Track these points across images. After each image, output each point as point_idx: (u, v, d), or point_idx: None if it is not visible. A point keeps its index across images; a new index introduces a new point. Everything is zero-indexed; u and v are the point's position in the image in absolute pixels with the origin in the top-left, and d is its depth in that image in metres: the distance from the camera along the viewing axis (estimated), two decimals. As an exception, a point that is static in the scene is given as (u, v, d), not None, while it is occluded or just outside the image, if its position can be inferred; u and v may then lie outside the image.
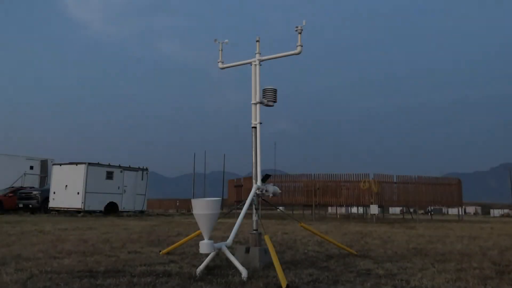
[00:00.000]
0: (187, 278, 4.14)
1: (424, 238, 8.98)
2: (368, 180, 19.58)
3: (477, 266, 5.04)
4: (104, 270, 4.54)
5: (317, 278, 4.21)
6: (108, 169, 20.24)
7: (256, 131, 5.34)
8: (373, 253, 6.23)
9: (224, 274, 4.34)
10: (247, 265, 4.69)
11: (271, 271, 4.50)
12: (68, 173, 19.55)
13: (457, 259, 5.67)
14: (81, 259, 5.24)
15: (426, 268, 4.93)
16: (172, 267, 4.74)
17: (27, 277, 4.09)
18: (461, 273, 4.59)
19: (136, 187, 21.51)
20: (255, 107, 5.38)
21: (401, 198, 20.47)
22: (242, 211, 4.90)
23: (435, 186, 21.11)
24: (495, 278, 4.36)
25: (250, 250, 4.97)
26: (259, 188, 5.23)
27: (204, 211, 4.28)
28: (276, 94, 5.44)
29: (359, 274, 4.48)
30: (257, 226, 5.24)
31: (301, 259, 5.60)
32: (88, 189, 19.06)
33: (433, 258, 5.79)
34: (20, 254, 5.61)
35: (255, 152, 5.32)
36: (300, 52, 5.27)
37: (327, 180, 20.48)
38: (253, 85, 5.44)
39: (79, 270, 4.48)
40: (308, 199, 20.48)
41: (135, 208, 21.41)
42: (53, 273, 4.31)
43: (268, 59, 5.50)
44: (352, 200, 20.32)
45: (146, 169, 22.27)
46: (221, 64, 5.81)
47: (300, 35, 5.25)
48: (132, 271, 4.47)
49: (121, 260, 5.25)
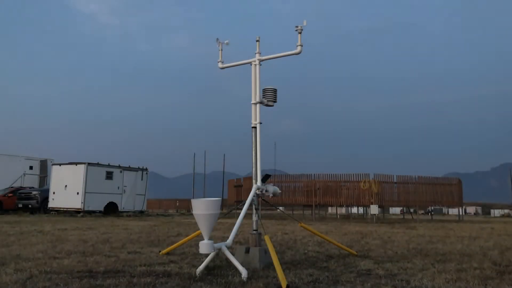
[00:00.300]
0: (187, 278, 4.14)
1: (425, 238, 8.98)
2: (368, 180, 19.58)
3: (477, 267, 5.03)
4: (104, 270, 4.53)
5: (317, 279, 4.20)
6: (107, 169, 20.24)
7: (256, 131, 5.33)
8: (373, 253, 6.22)
9: (224, 275, 4.33)
10: (247, 265, 4.68)
11: (271, 271, 4.50)
12: (67, 173, 19.54)
13: (457, 259, 5.66)
14: (80, 260, 5.23)
15: (426, 268, 4.92)
16: (172, 268, 4.73)
17: (27, 277, 4.08)
18: (462, 273, 4.58)
19: (136, 187, 21.51)
20: (255, 107, 5.37)
21: (401, 198, 20.47)
22: (242, 211, 4.89)
23: (436, 186, 21.09)
24: (495, 278, 4.35)
25: (250, 250, 4.96)
26: (259, 188, 5.22)
27: (204, 211, 4.27)
28: (276, 94, 5.43)
29: (359, 275, 4.47)
30: (257, 226, 5.23)
31: (301, 259, 5.59)
32: (87, 189, 19.05)
33: (434, 258, 5.78)
34: (20, 254, 5.59)
35: (255, 152, 5.31)
36: (300, 52, 5.26)
37: (327, 180, 20.47)
38: (253, 85, 5.43)
39: (79, 271, 4.48)
40: (308, 199, 20.47)
41: (135, 208, 21.40)
42: (52, 273, 4.31)
43: (268, 59, 5.48)
44: (352, 200, 20.31)
45: (146, 169, 22.28)
46: (221, 64, 5.80)
47: (300, 35, 5.24)
48: (132, 272, 4.46)
49: (121, 260, 5.24)
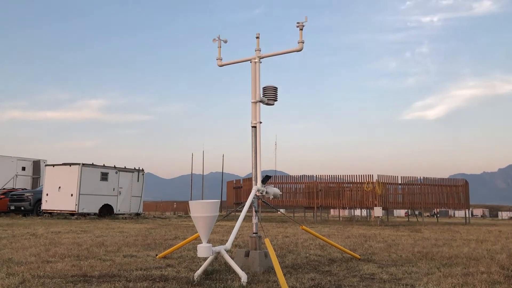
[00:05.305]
0: (185, 283, 4.07)
1: (430, 242, 8.87)
2: (371, 182, 19.44)
3: (484, 271, 4.95)
4: (99, 274, 4.46)
5: (319, 283, 4.14)
6: (102, 170, 20.06)
7: (256, 131, 5.25)
8: (377, 257, 6.14)
9: (223, 279, 4.26)
10: (247, 269, 4.65)
11: (271, 275, 4.45)
12: (61, 174, 19.35)
13: (464, 263, 5.57)
14: (75, 263, 5.15)
15: (432, 272, 4.85)
16: (169, 272, 4.67)
17: (19, 281, 4.01)
18: (468, 277, 4.50)
19: (132, 188, 21.35)
20: (255, 106, 5.28)
21: (406, 200, 20.28)
22: (242, 214, 4.84)
23: (441, 187, 20.88)
24: (503, 283, 4.27)
25: (250, 254, 4.91)
26: (259, 189, 5.17)
27: (202, 213, 4.20)
28: (276, 93, 5.34)
29: (363, 279, 4.41)
30: (257, 229, 5.17)
31: (303, 263, 5.52)
32: (82, 190, 18.87)
33: (439, 262, 5.70)
34: (12, 258, 5.50)
35: (255, 153, 5.25)
36: (301, 49, 5.17)
37: (330, 181, 20.33)
38: (252, 83, 5.34)
39: (73, 275, 4.41)
40: (310, 201, 20.34)
41: (131, 210, 21.24)
42: (46, 277, 4.24)
43: (268, 56, 5.40)
44: (355, 202, 20.13)
45: (142, 170, 22.14)
46: (220, 61, 5.72)
47: (302, 31, 5.14)
48: (128, 276, 4.40)
49: (116, 264, 5.17)
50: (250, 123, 5.26)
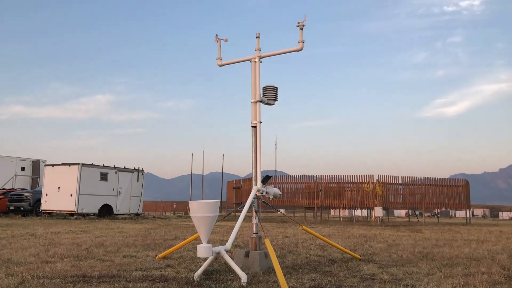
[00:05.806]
0: (185, 283, 4.06)
1: (431, 242, 8.86)
2: (372, 182, 19.40)
3: (485, 271, 4.94)
4: (98, 275, 4.45)
5: (319, 283, 4.13)
6: (102, 170, 20.03)
7: (256, 131, 5.23)
8: (378, 257, 6.14)
9: (222, 279, 4.25)
10: (247, 269, 4.64)
11: (271, 276, 4.44)
12: (60, 174, 19.31)
13: (464, 264, 5.57)
14: (74, 264, 5.14)
15: (432, 273, 4.84)
16: (169, 272, 4.66)
17: (19, 282, 4.00)
18: (469, 278, 4.49)
19: (132, 188, 21.32)
20: (255, 106, 5.27)
21: (406, 200, 20.23)
22: (242, 214, 4.83)
23: (442, 187, 20.82)
24: (504, 283, 4.27)
25: (250, 254, 4.90)
26: (259, 189, 5.17)
27: (202, 213, 4.19)
28: (276, 92, 5.32)
29: (363, 279, 4.40)
30: (257, 229, 5.16)
31: (303, 263, 5.51)
32: (81, 191, 18.84)
33: (440, 262, 5.69)
34: (11, 259, 5.49)
35: (255, 153, 5.24)
36: (301, 48, 5.16)
37: (330, 181, 20.29)
38: (252, 82, 5.33)
39: (73, 275, 4.40)
40: (310, 201, 20.29)
41: (131, 210, 21.20)
42: (45, 278, 4.23)
43: (268, 55, 5.38)
44: (355, 203, 20.09)
45: (142, 170, 22.10)
46: (220, 61, 5.70)
47: (302, 31, 5.13)
48: (127, 276, 4.39)
49: (116, 264, 5.16)
50: (250, 123, 5.25)
